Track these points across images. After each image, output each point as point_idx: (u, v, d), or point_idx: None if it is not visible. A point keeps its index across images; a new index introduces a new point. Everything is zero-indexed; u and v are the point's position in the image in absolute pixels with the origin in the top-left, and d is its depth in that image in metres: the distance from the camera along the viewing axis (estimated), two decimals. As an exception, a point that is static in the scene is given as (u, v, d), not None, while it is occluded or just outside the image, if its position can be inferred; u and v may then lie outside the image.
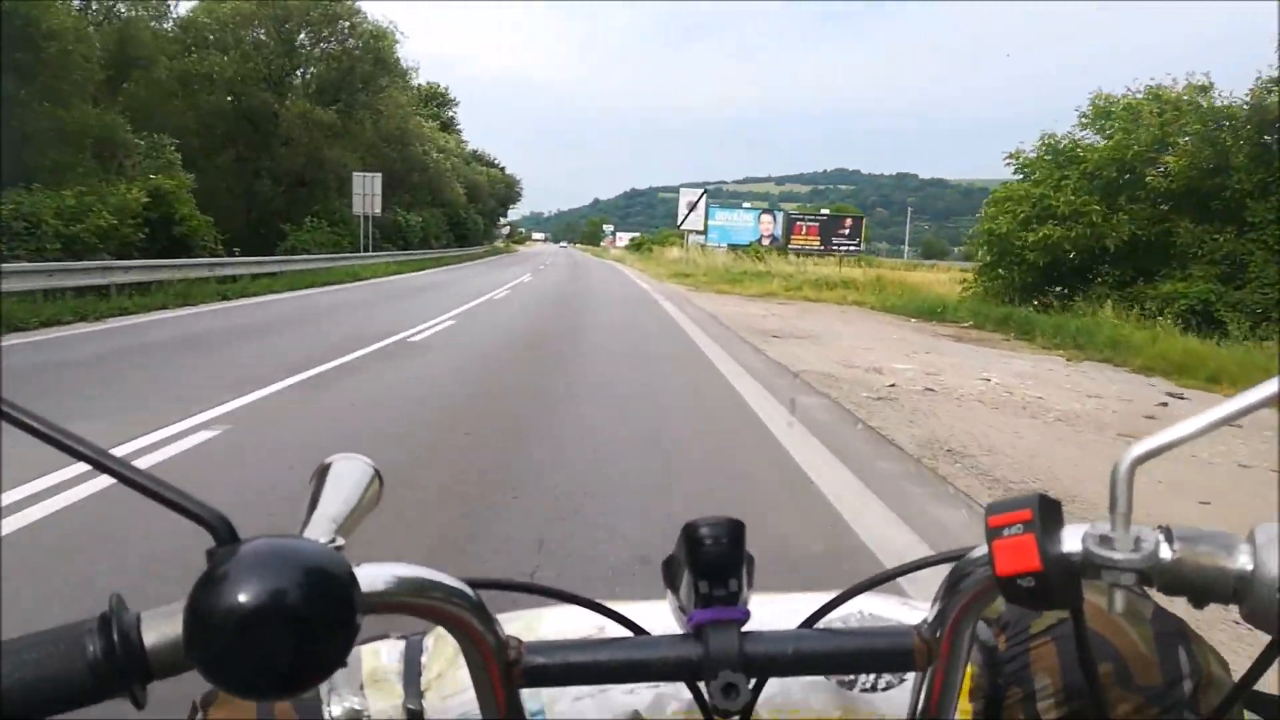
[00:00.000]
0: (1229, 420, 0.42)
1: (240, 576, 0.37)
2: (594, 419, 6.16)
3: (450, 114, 60.10)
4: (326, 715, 0.58)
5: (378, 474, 0.58)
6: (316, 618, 0.37)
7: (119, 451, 2.94)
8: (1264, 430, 6.08)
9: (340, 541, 0.49)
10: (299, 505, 0.54)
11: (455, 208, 51.18)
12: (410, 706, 0.63)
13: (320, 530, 0.50)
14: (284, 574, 0.37)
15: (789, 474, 4.81)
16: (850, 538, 3.73)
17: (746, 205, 50.77)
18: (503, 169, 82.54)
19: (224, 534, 0.39)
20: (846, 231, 49.48)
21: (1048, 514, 0.44)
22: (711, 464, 5.09)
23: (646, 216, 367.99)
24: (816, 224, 49.47)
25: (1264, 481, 5.15)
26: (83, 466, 0.38)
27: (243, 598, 0.36)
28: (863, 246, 50.53)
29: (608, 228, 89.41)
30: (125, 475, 0.39)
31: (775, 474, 4.83)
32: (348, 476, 0.56)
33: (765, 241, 50.94)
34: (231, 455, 4.77)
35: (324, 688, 0.59)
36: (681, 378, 8.35)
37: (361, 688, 0.63)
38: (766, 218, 51.68)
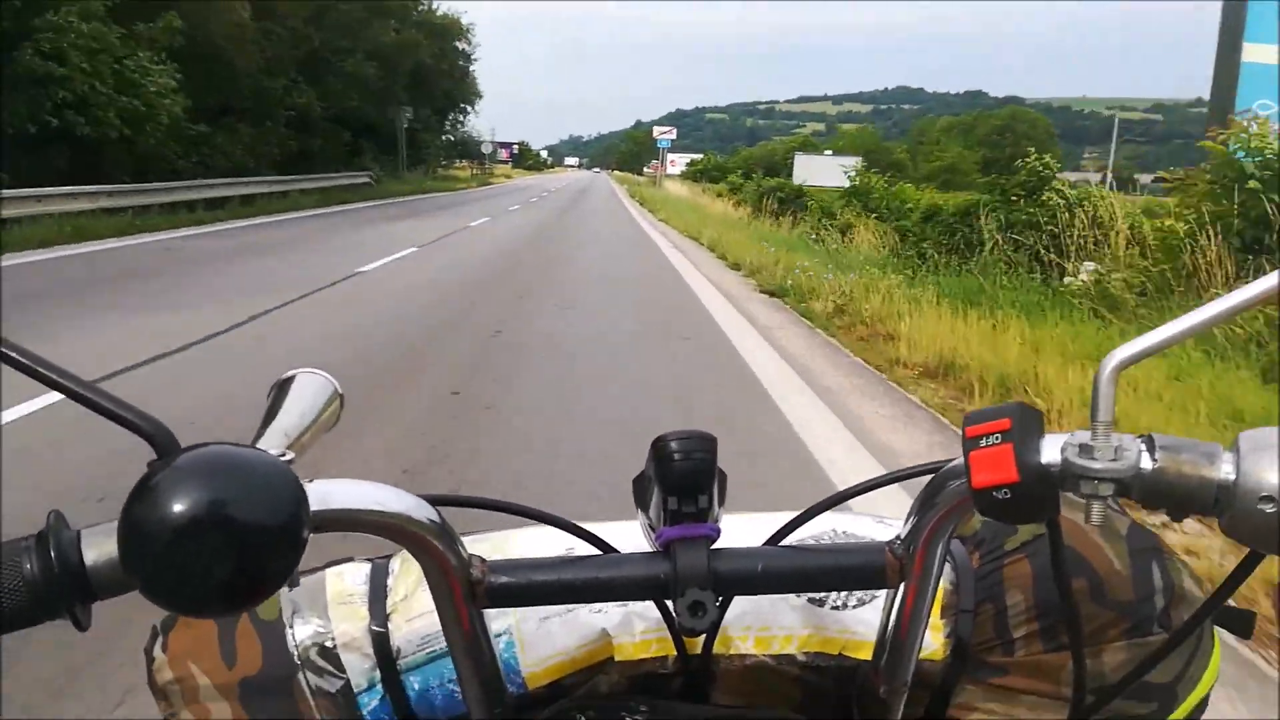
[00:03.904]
0: (1212, 324, 0.41)
1: (176, 485, 0.34)
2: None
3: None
4: (290, 638, 0.59)
5: (339, 392, 0.57)
6: (258, 530, 0.35)
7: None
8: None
9: (290, 455, 0.47)
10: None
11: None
12: (376, 629, 0.60)
13: (271, 443, 0.48)
14: (224, 483, 0.35)
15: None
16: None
17: None
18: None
19: (165, 445, 0.37)
20: None
21: (1026, 423, 0.42)
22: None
23: (694, 139, 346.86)
24: None
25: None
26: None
27: (178, 508, 0.34)
28: None
29: (664, 138, 46.04)
30: (61, 384, 0.37)
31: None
32: (308, 392, 0.54)
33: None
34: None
35: (288, 609, 0.60)
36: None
37: (326, 611, 0.61)
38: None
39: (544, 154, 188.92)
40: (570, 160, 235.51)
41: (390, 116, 33.61)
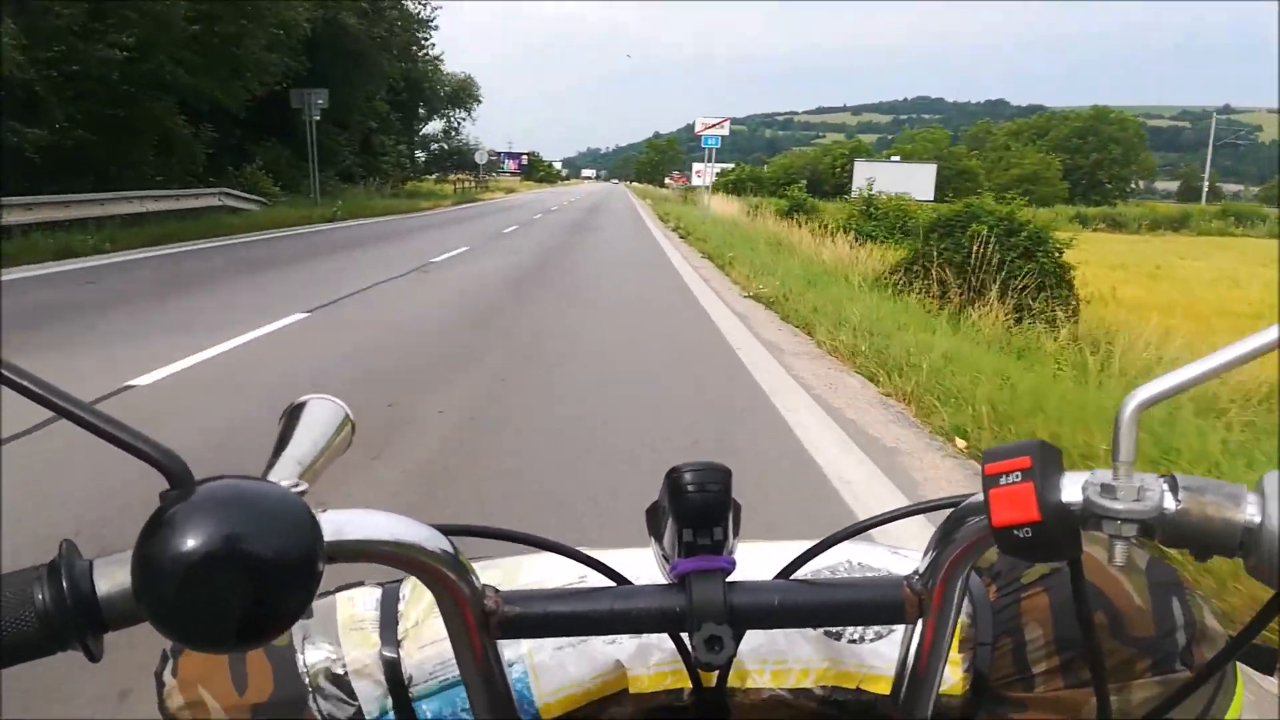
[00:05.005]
0: (1235, 364, 0.41)
1: (191, 520, 0.34)
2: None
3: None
4: (301, 663, 0.59)
5: (350, 417, 0.57)
6: (273, 565, 0.35)
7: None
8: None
9: (303, 486, 0.47)
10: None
11: None
12: (387, 655, 0.60)
13: (284, 473, 0.48)
14: (238, 518, 0.35)
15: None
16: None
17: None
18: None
19: (178, 476, 0.36)
20: None
21: (1047, 461, 0.42)
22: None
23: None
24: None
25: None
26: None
27: (192, 543, 0.34)
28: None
29: (711, 133, 32.69)
30: (74, 413, 0.36)
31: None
32: (319, 418, 0.54)
33: None
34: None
35: (298, 635, 0.60)
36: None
37: (337, 636, 0.61)
38: None
39: (558, 165, 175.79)
40: (587, 172, 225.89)
41: (296, 106, 21.95)
